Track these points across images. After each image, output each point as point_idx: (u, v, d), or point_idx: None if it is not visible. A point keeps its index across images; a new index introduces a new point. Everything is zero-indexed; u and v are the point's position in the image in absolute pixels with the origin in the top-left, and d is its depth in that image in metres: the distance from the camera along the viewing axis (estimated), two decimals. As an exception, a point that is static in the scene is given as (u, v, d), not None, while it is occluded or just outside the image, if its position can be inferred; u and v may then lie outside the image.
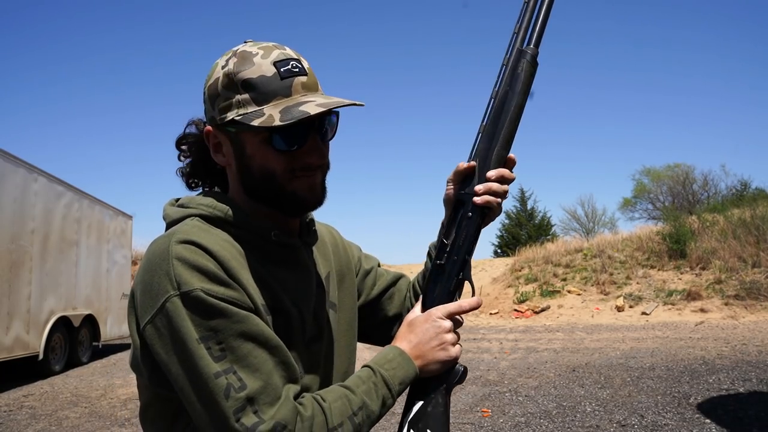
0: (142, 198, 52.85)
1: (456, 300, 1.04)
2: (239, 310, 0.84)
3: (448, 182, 1.07)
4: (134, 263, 20.97)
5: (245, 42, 0.97)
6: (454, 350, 0.98)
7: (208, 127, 0.98)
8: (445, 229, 1.06)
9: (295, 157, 0.93)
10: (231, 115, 0.92)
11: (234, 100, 0.92)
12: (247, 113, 0.91)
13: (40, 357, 8.19)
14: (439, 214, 1.12)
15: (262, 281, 0.92)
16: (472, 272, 1.07)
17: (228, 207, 0.95)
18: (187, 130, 1.05)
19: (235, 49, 0.95)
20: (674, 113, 52.17)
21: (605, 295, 15.03)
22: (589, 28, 54.84)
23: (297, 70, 0.93)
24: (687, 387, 5.99)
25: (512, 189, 1.08)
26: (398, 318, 1.22)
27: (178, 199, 1.02)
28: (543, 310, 15.09)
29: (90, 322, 10.21)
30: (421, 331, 0.99)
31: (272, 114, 0.89)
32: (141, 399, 0.98)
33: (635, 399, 5.61)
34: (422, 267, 1.22)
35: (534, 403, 5.63)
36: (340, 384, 0.93)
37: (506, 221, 33.50)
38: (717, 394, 5.60)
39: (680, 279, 14.70)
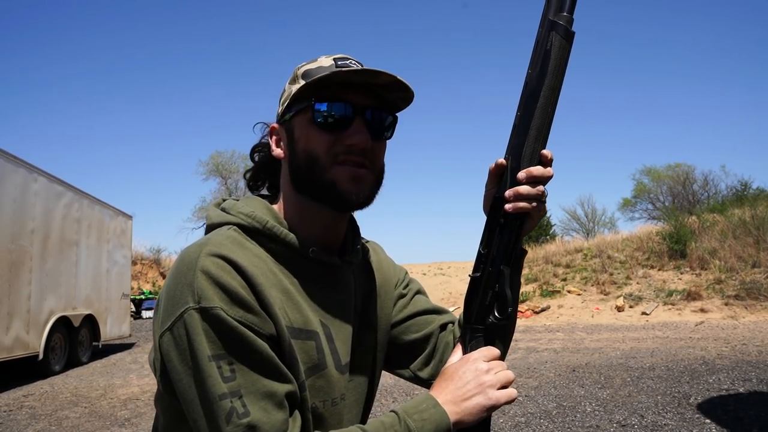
0: (142, 198, 52.98)
1: (494, 313, 0.96)
2: (255, 336, 0.83)
3: (486, 186, 1.00)
4: (134, 263, 21.02)
5: None
6: (496, 394, 0.90)
7: (273, 125, 1.01)
8: (483, 238, 0.96)
9: (338, 140, 0.91)
10: (286, 101, 0.95)
11: (292, 89, 0.95)
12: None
13: (40, 357, 8.19)
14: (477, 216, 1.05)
15: (291, 300, 0.91)
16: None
17: (268, 219, 0.93)
18: (264, 140, 1.06)
19: None
20: (674, 113, 52.30)
21: (605, 295, 15.04)
22: (589, 27, 54.85)
23: (355, 65, 0.93)
24: (687, 387, 5.99)
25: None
26: (415, 348, 1.13)
27: (224, 199, 1.02)
28: (543, 310, 15.10)
29: (90, 322, 10.21)
30: (457, 377, 0.92)
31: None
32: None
33: (635, 399, 5.61)
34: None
35: (534, 403, 5.63)
36: (359, 426, 0.88)
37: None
38: (717, 394, 5.59)
39: (680, 279, 14.71)
